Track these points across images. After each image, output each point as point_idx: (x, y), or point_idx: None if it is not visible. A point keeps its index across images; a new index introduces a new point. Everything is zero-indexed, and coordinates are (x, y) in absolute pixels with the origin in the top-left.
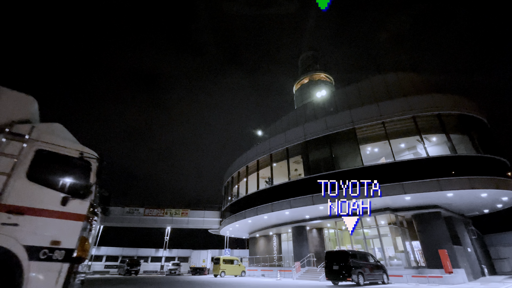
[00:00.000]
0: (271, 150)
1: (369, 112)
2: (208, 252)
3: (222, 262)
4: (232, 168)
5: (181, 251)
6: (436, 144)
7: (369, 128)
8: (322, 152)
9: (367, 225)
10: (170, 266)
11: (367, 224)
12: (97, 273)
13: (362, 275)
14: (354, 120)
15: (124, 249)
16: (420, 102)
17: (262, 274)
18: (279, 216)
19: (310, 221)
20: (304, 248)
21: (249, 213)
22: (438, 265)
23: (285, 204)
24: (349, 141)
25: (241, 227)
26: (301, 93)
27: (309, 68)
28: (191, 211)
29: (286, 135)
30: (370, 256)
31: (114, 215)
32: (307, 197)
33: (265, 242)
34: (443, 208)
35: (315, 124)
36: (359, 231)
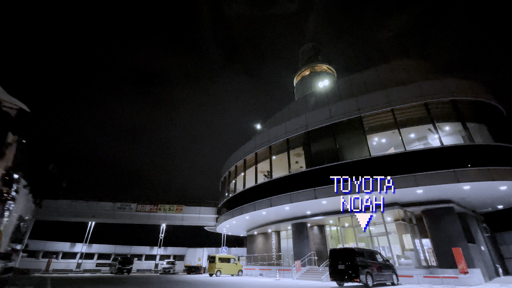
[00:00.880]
0: (270, 142)
1: (377, 99)
2: (204, 250)
3: (217, 261)
4: (229, 162)
5: (176, 249)
6: (449, 134)
7: (377, 116)
8: (326, 143)
9: (372, 222)
10: (164, 264)
11: (372, 221)
12: (87, 272)
13: (370, 276)
14: (360, 107)
15: (117, 247)
16: (433, 88)
17: (260, 273)
18: (279, 211)
19: (311, 218)
20: (305, 246)
21: (247, 209)
22: (452, 265)
23: (285, 198)
24: (355, 130)
25: (239, 224)
26: (302, 85)
27: (310, 60)
28: (186, 207)
29: (287, 126)
30: (378, 255)
31: (105, 210)
32: (309, 191)
33: (264, 240)
34: (456, 203)
35: (318, 113)
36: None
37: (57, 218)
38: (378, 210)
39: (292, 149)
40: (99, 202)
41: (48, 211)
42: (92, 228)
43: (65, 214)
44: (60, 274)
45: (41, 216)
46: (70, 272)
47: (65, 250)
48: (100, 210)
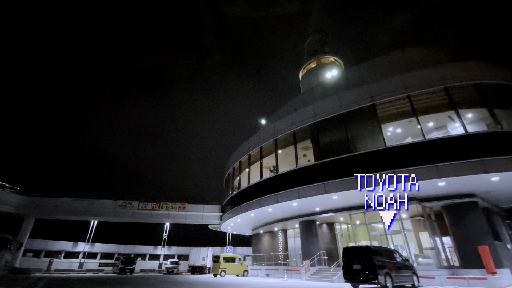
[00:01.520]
0: (275, 135)
1: (392, 85)
2: (208, 250)
3: (222, 261)
4: (233, 158)
5: (180, 248)
6: (472, 121)
7: (392, 104)
8: (336, 134)
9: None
10: (168, 264)
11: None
12: (90, 272)
13: (389, 277)
14: (373, 95)
15: (120, 246)
16: (454, 71)
17: (267, 273)
18: (285, 208)
19: (320, 215)
20: (314, 245)
21: (252, 206)
22: (477, 265)
23: (292, 193)
24: (368, 119)
25: (243, 222)
26: (308, 78)
27: (317, 52)
28: (189, 205)
29: (293, 118)
30: (397, 254)
31: (106, 208)
32: (318, 185)
33: (270, 239)
34: (480, 197)
35: (327, 103)
36: (375, 226)
37: (58, 216)
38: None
39: (299, 142)
40: (100, 200)
41: (49, 209)
42: (95, 227)
43: (66, 212)
44: (61, 274)
45: (41, 215)
46: (72, 272)
47: (67, 249)
48: (101, 208)
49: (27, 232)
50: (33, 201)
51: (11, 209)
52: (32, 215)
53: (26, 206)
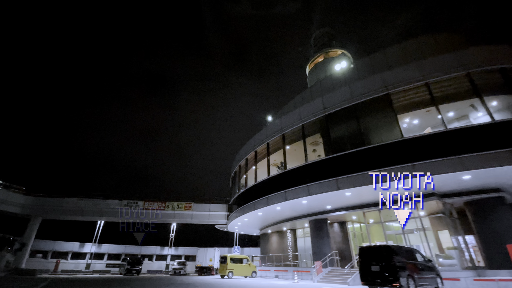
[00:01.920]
0: (283, 130)
1: (408, 72)
2: (215, 250)
3: (229, 261)
4: (239, 155)
5: (187, 249)
6: (498, 110)
7: (408, 92)
8: (347, 127)
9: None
10: (175, 265)
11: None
12: (96, 272)
13: (412, 279)
14: (387, 84)
15: (127, 247)
16: (477, 55)
17: (276, 275)
18: (294, 206)
19: (331, 213)
20: (325, 245)
21: (259, 204)
22: (505, 265)
23: (301, 190)
24: (382, 110)
25: (251, 222)
26: (316, 73)
27: (324, 46)
28: (195, 204)
29: (301, 111)
30: (418, 254)
31: (111, 208)
32: (329, 181)
33: (278, 239)
34: (507, 191)
35: (337, 94)
36: (390, 225)
37: (64, 217)
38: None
39: (308, 137)
40: (105, 200)
41: (55, 209)
42: (102, 227)
43: (71, 213)
44: (68, 275)
45: (47, 215)
46: (79, 272)
47: (74, 250)
48: (107, 208)
49: (33, 232)
50: (39, 202)
51: (17, 210)
52: (38, 215)
53: (32, 207)
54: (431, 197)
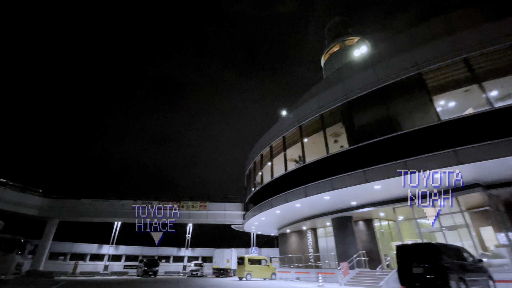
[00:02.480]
0: (300, 121)
1: (441, 48)
2: (232, 251)
3: (247, 262)
4: (253, 151)
5: (204, 250)
6: None
7: (442, 71)
8: (374, 113)
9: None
10: (192, 266)
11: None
12: (114, 274)
13: (463, 283)
14: (418, 62)
15: (144, 248)
16: None
17: (297, 277)
18: (315, 203)
19: (356, 210)
20: (350, 244)
21: (277, 201)
22: None
23: (324, 185)
24: (413, 92)
25: (268, 221)
26: (332, 63)
27: (340, 35)
28: (210, 203)
29: (320, 100)
30: (466, 253)
31: (126, 209)
32: (356, 174)
33: (298, 239)
34: None
35: (360, 78)
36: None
37: (80, 218)
38: (458, 197)
39: (328, 127)
40: (120, 201)
41: (71, 211)
42: (118, 229)
43: (87, 214)
44: (86, 276)
45: (64, 217)
46: (97, 274)
47: (92, 252)
48: (122, 209)
49: (50, 235)
50: (56, 203)
51: (34, 212)
52: (55, 217)
53: (48, 209)
54: (473, 189)
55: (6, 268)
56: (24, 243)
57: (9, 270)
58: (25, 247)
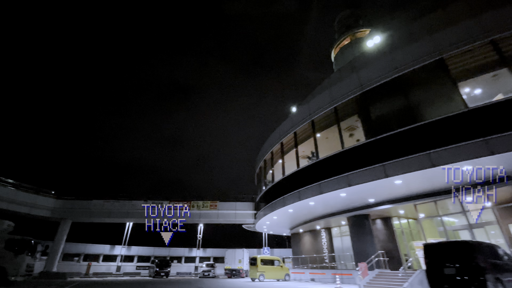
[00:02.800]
0: (311, 115)
1: (466, 30)
2: (244, 251)
3: (259, 263)
4: (263, 150)
5: (215, 250)
6: None
7: (468, 55)
8: (392, 103)
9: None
10: (203, 267)
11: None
12: (127, 275)
13: (501, 284)
14: (441, 47)
15: (156, 249)
16: None
17: (311, 278)
18: (330, 201)
19: (374, 207)
20: (369, 244)
21: (289, 199)
22: None
23: (339, 181)
24: (435, 79)
25: (280, 220)
26: (343, 56)
27: (350, 27)
28: (220, 203)
29: (332, 92)
30: (501, 251)
31: (136, 209)
32: (375, 168)
33: (311, 239)
34: None
35: (376, 67)
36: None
37: (91, 219)
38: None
39: (342, 120)
40: (130, 201)
41: (83, 212)
42: (130, 230)
43: (98, 215)
44: (99, 277)
45: (76, 218)
46: (110, 275)
47: (105, 252)
48: (133, 210)
49: (63, 236)
50: (68, 205)
51: (47, 213)
52: (68, 218)
53: (61, 210)
54: (504, 182)
55: (15, 269)
56: (34, 244)
57: (18, 272)
58: (35, 248)
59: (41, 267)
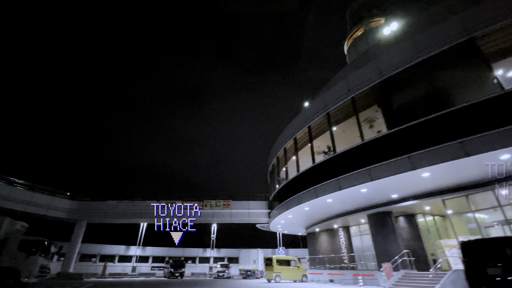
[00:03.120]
0: (327, 108)
1: (499, 5)
2: (258, 251)
3: (275, 263)
4: (276, 146)
5: (230, 250)
6: None
7: (502, 33)
8: (415, 90)
9: (489, 205)
10: (218, 267)
11: (488, 203)
12: (142, 275)
13: None
14: (469, 26)
15: (170, 249)
16: None
17: (330, 279)
18: (349, 198)
19: (397, 204)
20: (392, 243)
21: (305, 197)
22: None
23: (360, 176)
24: (463, 61)
25: (296, 219)
26: (357, 47)
27: (363, 18)
28: (233, 202)
29: (349, 81)
30: None
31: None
32: (399, 160)
33: (329, 238)
34: None
35: (397, 52)
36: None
37: (106, 220)
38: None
39: (361, 112)
40: (144, 201)
41: (98, 213)
42: (145, 230)
43: (113, 216)
44: (114, 278)
45: (91, 219)
46: (125, 276)
47: (120, 253)
48: (146, 210)
49: (79, 236)
50: (83, 206)
51: (63, 215)
52: (83, 219)
53: (76, 211)
54: None
55: (28, 270)
56: (48, 245)
57: (31, 273)
58: (49, 249)
59: (59, 268)
